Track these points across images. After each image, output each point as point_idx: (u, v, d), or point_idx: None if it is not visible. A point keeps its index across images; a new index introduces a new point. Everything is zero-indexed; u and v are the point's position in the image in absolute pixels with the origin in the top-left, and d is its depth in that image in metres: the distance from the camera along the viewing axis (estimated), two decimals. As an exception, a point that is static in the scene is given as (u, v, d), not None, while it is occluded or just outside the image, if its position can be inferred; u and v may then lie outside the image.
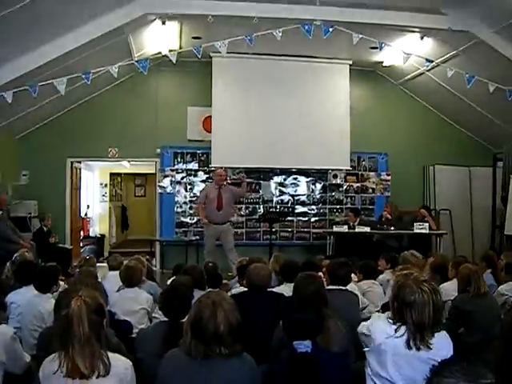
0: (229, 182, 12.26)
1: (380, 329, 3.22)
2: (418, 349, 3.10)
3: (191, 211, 12.57)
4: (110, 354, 2.96)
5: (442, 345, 3.18)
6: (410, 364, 3.10)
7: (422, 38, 10.16)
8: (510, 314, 3.18)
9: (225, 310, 3.04)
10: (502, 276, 6.64)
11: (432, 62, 9.79)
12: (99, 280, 6.23)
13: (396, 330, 3.16)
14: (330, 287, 5.16)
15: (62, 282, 5.73)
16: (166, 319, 4.08)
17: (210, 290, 5.16)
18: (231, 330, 3.01)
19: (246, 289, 5.31)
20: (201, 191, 11.62)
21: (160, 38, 10.20)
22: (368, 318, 5.55)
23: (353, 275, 6.33)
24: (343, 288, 5.27)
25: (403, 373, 3.10)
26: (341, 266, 5.43)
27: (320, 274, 5.64)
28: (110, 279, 6.53)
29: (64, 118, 12.27)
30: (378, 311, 5.88)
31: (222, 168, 11.27)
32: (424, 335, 3.11)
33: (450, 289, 5.78)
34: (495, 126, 12.39)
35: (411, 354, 3.11)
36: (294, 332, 3.32)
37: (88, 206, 16.02)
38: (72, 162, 12.71)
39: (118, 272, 6.15)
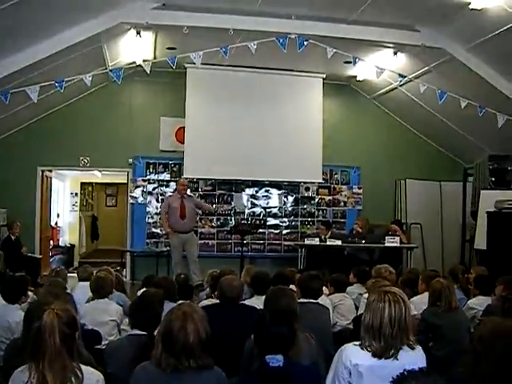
0: (200, 193, 12.31)
1: (351, 353, 3.23)
2: (387, 357, 3.14)
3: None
4: (83, 367, 2.92)
5: (416, 355, 3.24)
6: (386, 378, 3.12)
7: (395, 53, 10.26)
8: (479, 328, 3.20)
9: (195, 321, 3.01)
10: (471, 290, 6.70)
11: (405, 77, 9.90)
12: (68, 291, 6.18)
13: (365, 347, 3.19)
14: (302, 300, 5.16)
15: (30, 293, 5.66)
16: (136, 332, 4.03)
17: (181, 301, 5.12)
18: (201, 342, 2.98)
19: (215, 301, 5.29)
20: (163, 201, 11.64)
21: (134, 48, 10.15)
22: (338, 332, 5.61)
23: (324, 288, 6.35)
24: (314, 301, 5.26)
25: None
26: (312, 279, 5.43)
27: (292, 286, 5.66)
28: (80, 290, 6.47)
29: (36, 126, 12.13)
30: (349, 324, 5.93)
31: (186, 178, 11.56)
32: (380, 342, 3.15)
33: (420, 303, 5.83)
34: (466, 141, 12.52)
35: (384, 366, 3.14)
36: (267, 346, 3.30)
37: (58, 215, 15.88)
38: (43, 171, 12.57)
39: (87, 283, 6.10)
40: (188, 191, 11.43)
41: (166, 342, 3.00)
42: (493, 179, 11.78)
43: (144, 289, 5.92)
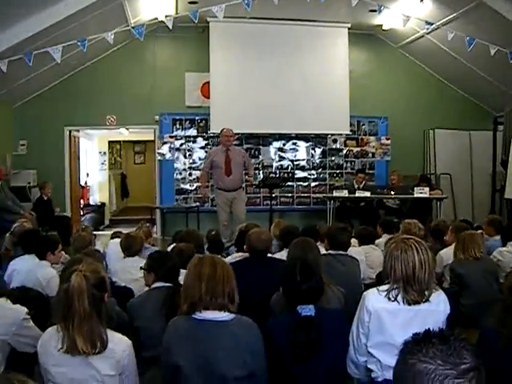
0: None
1: (373, 298, 3.27)
2: (409, 303, 3.17)
3: (190, 178, 12.55)
4: (110, 333, 2.96)
5: (438, 299, 3.27)
6: (409, 323, 3.16)
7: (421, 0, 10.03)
8: (509, 279, 3.18)
9: (217, 274, 3.09)
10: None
11: (432, 24, 9.68)
12: (97, 248, 6.28)
13: (388, 293, 3.23)
14: (331, 252, 5.19)
15: (64, 254, 5.73)
16: (160, 284, 4.07)
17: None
18: (228, 292, 3.06)
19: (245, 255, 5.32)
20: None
21: (156, 4, 10.06)
22: (368, 284, 5.62)
23: (353, 240, 6.35)
24: (344, 253, 5.28)
25: (407, 333, 3.14)
26: (340, 232, 5.44)
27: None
28: (112, 247, 6.55)
29: (61, 87, 12.16)
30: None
31: (228, 129, 9.98)
32: (414, 289, 3.17)
33: (449, 253, 5.83)
34: (496, 89, 12.29)
35: (406, 311, 3.18)
36: (299, 299, 3.33)
37: (88, 175, 16.01)
38: (70, 131, 12.63)
39: (118, 240, 6.18)
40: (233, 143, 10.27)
41: (185, 293, 3.09)
42: (523, 127, 11.57)
43: (174, 244, 5.98)
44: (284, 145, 13.05)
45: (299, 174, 13.12)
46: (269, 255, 5.12)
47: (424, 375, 1.53)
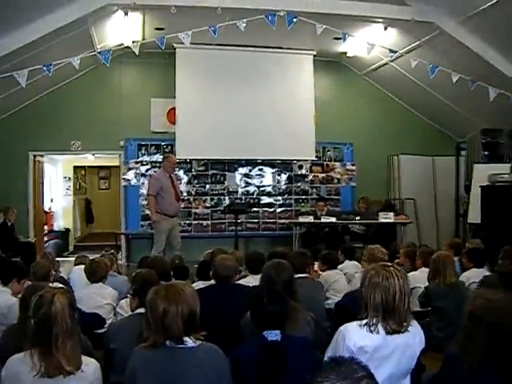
0: (193, 173, 12.33)
1: (356, 335, 3.17)
2: (389, 332, 3.12)
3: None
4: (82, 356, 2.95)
5: (415, 331, 3.25)
6: (388, 357, 3.14)
7: (385, 28, 10.21)
8: (469, 305, 3.19)
9: (177, 302, 3.01)
10: (465, 263, 6.73)
11: (396, 52, 9.84)
12: (61, 275, 6.20)
13: (369, 326, 3.16)
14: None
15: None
16: (141, 310, 4.02)
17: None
18: (188, 320, 2.99)
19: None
20: (150, 180, 10.59)
21: (122, 29, 10.05)
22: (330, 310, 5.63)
23: (316, 265, 6.38)
24: (302, 275, 5.30)
25: (384, 368, 3.13)
26: (298, 256, 5.57)
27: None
28: (76, 272, 6.48)
29: (26, 111, 12.04)
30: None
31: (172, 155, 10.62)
32: (393, 318, 3.13)
33: (420, 277, 5.89)
34: (458, 115, 12.52)
35: (386, 346, 3.13)
36: (264, 324, 3.32)
37: (52, 200, 15.82)
38: (34, 156, 12.50)
39: (83, 266, 6.11)
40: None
41: (150, 322, 3.05)
42: (485, 153, 11.78)
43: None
44: (250, 171, 13.08)
45: (265, 199, 13.13)
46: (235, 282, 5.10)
47: None
